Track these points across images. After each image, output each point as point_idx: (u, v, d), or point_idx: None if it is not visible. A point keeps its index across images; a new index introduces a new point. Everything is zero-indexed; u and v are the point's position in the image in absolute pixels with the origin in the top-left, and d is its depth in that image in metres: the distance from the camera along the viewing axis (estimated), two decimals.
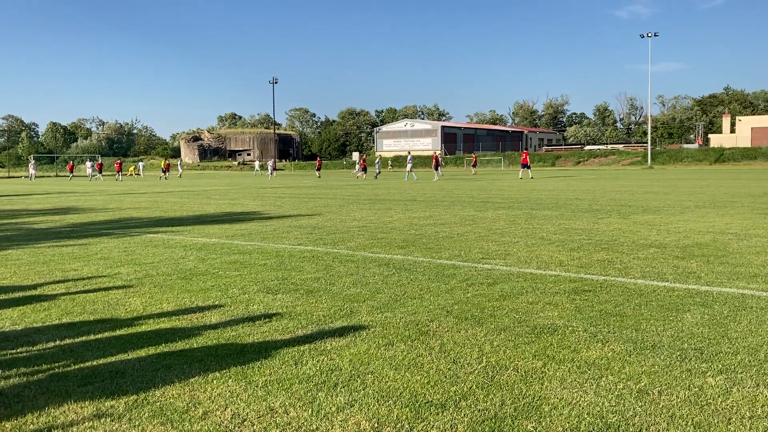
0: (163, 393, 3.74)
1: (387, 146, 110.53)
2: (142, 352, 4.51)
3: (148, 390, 3.78)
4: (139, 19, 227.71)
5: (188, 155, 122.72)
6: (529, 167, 44.34)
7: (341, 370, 4.10)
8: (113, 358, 4.39)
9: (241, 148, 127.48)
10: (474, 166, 59.48)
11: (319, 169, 58.25)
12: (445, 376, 3.96)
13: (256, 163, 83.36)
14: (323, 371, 4.07)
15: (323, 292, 6.42)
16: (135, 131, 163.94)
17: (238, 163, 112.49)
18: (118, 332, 5.05)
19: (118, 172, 55.50)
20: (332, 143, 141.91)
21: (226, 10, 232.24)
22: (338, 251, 9.19)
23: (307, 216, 15.13)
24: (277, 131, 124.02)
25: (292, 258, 8.62)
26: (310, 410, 3.48)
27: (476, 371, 4.05)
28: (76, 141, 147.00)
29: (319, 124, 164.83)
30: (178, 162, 68.95)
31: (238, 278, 7.23)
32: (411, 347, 4.56)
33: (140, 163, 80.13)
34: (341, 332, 4.95)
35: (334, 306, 5.83)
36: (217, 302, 6.04)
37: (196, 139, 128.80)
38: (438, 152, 48.59)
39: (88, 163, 60.79)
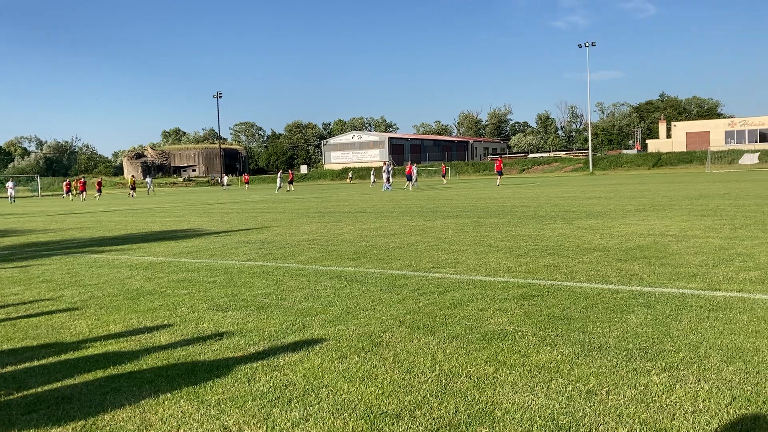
0: (113, 417, 3.65)
1: (335, 159, 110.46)
2: (89, 376, 4.39)
3: (97, 414, 3.69)
4: (77, 35, 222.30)
5: (131, 172, 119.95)
6: (501, 174, 45.45)
7: (295, 385, 4.09)
8: (59, 384, 4.26)
9: (186, 164, 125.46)
10: (444, 175, 59.65)
11: (291, 182, 57.79)
12: (399, 386, 3.99)
13: (225, 178, 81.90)
14: (277, 387, 4.05)
15: (274, 308, 6.37)
16: (76, 149, 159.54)
17: (184, 179, 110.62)
18: (63, 357, 4.91)
19: (81, 191, 52.97)
20: (279, 157, 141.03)
21: (166, 23, 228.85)
22: (289, 265, 9.14)
23: (256, 231, 14.99)
24: (222, 146, 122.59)
25: (242, 274, 8.53)
26: (264, 427, 3.46)
27: (430, 380, 4.09)
28: (13, 161, 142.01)
29: (265, 137, 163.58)
30: (148, 179, 65.88)
31: (187, 297, 7.11)
32: (365, 359, 4.58)
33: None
34: (294, 347, 4.93)
35: (286, 321, 5.79)
36: (166, 322, 5.93)
37: (140, 156, 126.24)
38: (412, 163, 48.44)
39: (10, 184, 58.46)
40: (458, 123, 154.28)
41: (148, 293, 7.41)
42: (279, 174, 56.95)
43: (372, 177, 59.60)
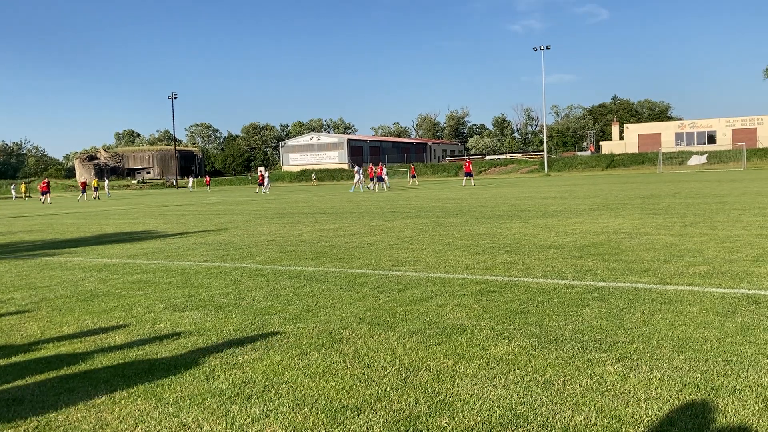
0: (67, 417, 3.57)
1: (293, 160, 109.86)
2: (41, 377, 4.29)
3: (50, 414, 3.60)
4: (25, 35, 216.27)
5: (84, 175, 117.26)
6: (471, 175, 45.98)
7: (254, 381, 4.06)
8: (9, 385, 4.15)
9: (140, 167, 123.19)
10: (413, 176, 59.42)
11: (261, 185, 56.25)
12: (359, 381, 4.00)
13: (190, 180, 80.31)
14: (236, 384, 4.02)
15: (233, 307, 6.32)
16: (24, 152, 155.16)
17: (138, 182, 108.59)
18: (13, 359, 4.78)
19: (44, 193, 50.35)
20: (236, 159, 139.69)
21: (118, 23, 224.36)
22: (247, 266, 9.06)
23: (213, 232, 14.82)
24: (178, 148, 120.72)
25: (199, 275, 8.43)
26: (224, 423, 3.43)
27: (390, 374, 4.11)
28: None
29: (221, 139, 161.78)
30: (105, 182, 62.90)
31: (143, 297, 7.00)
32: (325, 355, 4.57)
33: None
34: (253, 345, 4.90)
35: (245, 320, 5.75)
36: (121, 322, 5.82)
37: (92, 158, 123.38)
38: (383, 165, 48.21)
39: None
40: (417, 125, 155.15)
41: (102, 294, 7.26)
42: (266, 174, 55.36)
43: (358, 177, 53.34)
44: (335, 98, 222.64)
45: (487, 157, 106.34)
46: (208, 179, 71.34)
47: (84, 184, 56.30)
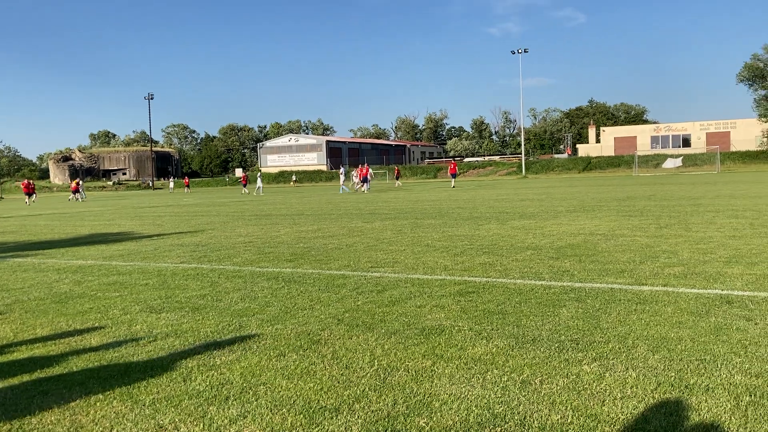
0: (41, 420, 3.53)
1: (272, 162, 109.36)
2: (14, 380, 4.22)
3: (24, 417, 3.55)
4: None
5: (58, 176, 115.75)
6: (455, 176, 46.63)
7: (232, 383, 4.04)
8: None
9: (116, 168, 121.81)
10: (397, 178, 59.19)
11: (245, 185, 55.56)
12: (338, 382, 4.00)
13: (171, 182, 78.69)
14: (213, 386, 3.99)
15: (210, 309, 6.27)
16: None
17: (114, 183, 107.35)
18: None
19: (29, 194, 48.71)
20: (213, 160, 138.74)
21: (94, 23, 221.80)
22: (224, 267, 9.01)
23: (190, 234, 14.70)
24: (154, 149, 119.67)
25: (176, 276, 8.36)
26: (201, 424, 3.40)
27: (368, 374, 4.11)
28: None
29: (199, 140, 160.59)
30: (79, 183, 60.32)
31: (119, 299, 6.92)
32: (303, 356, 4.56)
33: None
34: (231, 347, 4.87)
35: (222, 322, 5.72)
36: (96, 324, 5.76)
37: (67, 158, 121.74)
38: (367, 166, 48.15)
39: None
40: (396, 127, 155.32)
41: (77, 296, 7.17)
42: (258, 175, 54.41)
43: (343, 178, 51.91)
44: (314, 99, 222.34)
45: (466, 159, 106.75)
46: (186, 180, 70.37)
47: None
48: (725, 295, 6.02)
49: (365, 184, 44.81)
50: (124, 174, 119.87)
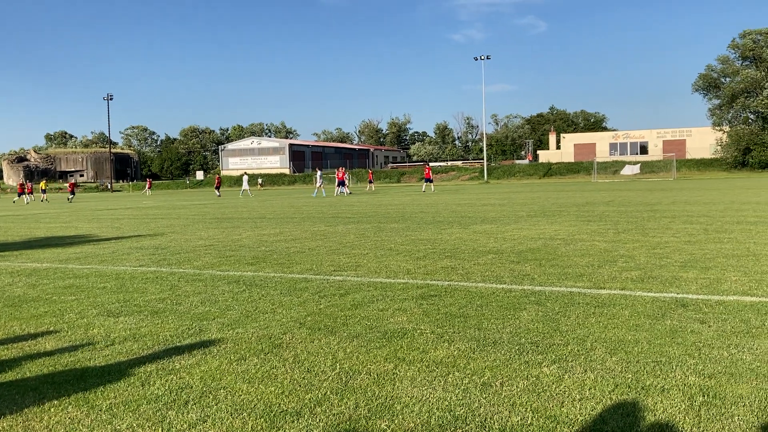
0: None
1: (233, 164, 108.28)
2: None
3: None
4: None
5: (12, 177, 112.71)
6: (431, 181, 46.94)
7: (192, 387, 3.98)
8: None
9: (73, 169, 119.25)
10: (371, 182, 58.81)
11: (218, 188, 54.00)
12: (299, 385, 3.97)
13: (147, 184, 75.29)
14: (173, 390, 3.93)
15: (169, 312, 6.18)
16: None
17: (71, 184, 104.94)
18: None
19: (20, 194, 46.63)
20: (174, 162, 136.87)
21: (51, 20, 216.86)
22: (184, 271, 8.88)
23: (149, 236, 14.47)
24: (113, 150, 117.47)
25: (134, 280, 8.21)
26: (160, 429, 3.35)
27: (330, 378, 4.10)
28: None
29: (159, 142, 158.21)
30: (23, 185, 57.21)
31: (75, 303, 6.77)
32: (264, 360, 4.52)
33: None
34: (190, 351, 4.80)
35: (182, 325, 5.63)
36: (52, 328, 5.62)
37: (21, 159, 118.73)
38: (344, 169, 47.86)
39: None
40: (359, 131, 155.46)
41: (31, 300, 6.99)
42: (244, 177, 52.69)
43: (320, 182, 50.28)
44: (277, 102, 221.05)
45: (432, 164, 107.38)
46: (149, 182, 68.65)
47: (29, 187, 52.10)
48: (680, 299, 6.17)
49: (342, 187, 44.60)
50: (82, 176, 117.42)
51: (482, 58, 75.70)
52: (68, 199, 47.82)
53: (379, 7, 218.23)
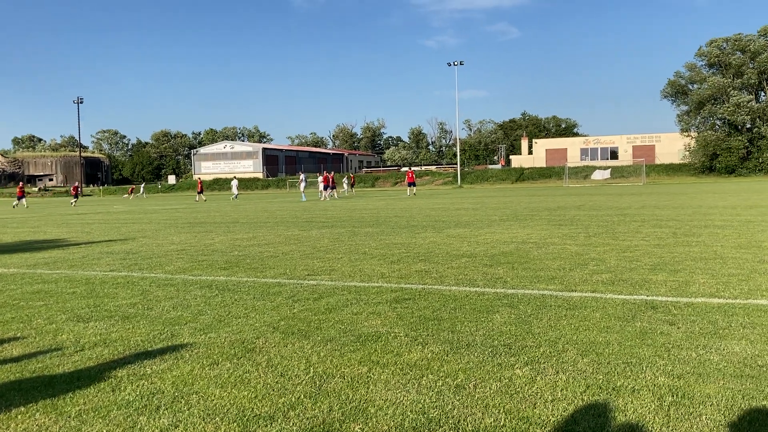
0: None
1: (206, 169, 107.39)
2: None
3: None
4: None
5: None
6: (414, 185, 47.20)
7: (163, 392, 3.94)
8: None
9: (42, 173, 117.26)
10: (352, 186, 58.41)
11: (201, 192, 52.88)
12: (273, 390, 3.95)
13: (142, 187, 72.02)
14: (144, 395, 3.88)
15: (141, 317, 6.10)
16: None
17: (39, 189, 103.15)
18: None
19: (20, 197, 45.36)
20: (146, 166, 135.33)
21: (17, 21, 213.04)
22: (156, 276, 8.78)
23: (120, 241, 14.28)
24: (83, 154, 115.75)
25: (105, 285, 8.10)
26: None
27: (304, 382, 4.08)
28: None
29: (130, 146, 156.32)
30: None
31: (44, 308, 6.65)
32: (237, 365, 4.49)
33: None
34: (162, 356, 4.75)
35: (153, 330, 5.57)
36: (19, 334, 5.51)
37: None
38: (330, 173, 47.68)
39: None
40: (334, 135, 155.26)
41: None
42: (235, 183, 51.66)
43: (303, 185, 49.13)
44: (250, 107, 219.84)
45: (403, 169, 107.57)
46: (131, 189, 65.05)
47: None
48: (650, 301, 6.26)
49: (329, 190, 44.43)
50: (51, 180, 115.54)
51: (456, 63, 76.13)
52: (14, 205, 46.66)
53: (353, 12, 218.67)
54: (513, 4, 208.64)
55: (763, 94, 74.02)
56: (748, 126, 73.02)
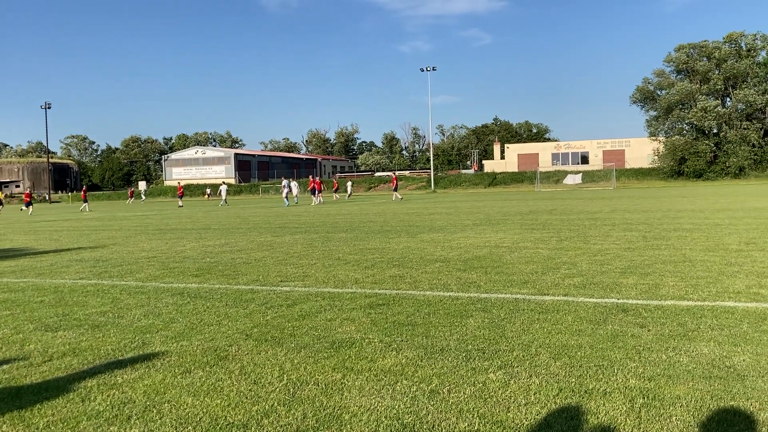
0: None
1: (177, 174, 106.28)
2: None
3: None
4: None
5: None
6: (396, 189, 49.06)
7: (135, 402, 3.88)
8: None
9: (8, 180, 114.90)
10: (336, 191, 58.20)
11: (181, 197, 52.04)
12: (246, 397, 3.92)
13: (142, 187, 69.88)
14: (115, 405, 3.82)
15: (111, 326, 6.01)
16: None
17: (5, 196, 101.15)
18: None
19: (27, 204, 43.98)
20: (116, 173, 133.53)
21: None
22: (126, 283, 8.66)
23: (90, 249, 14.06)
24: (51, 160, 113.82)
25: (74, 293, 7.96)
26: None
27: (278, 389, 4.05)
28: None
29: (99, 152, 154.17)
30: None
31: (10, 318, 6.52)
32: (210, 373, 4.44)
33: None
34: (133, 364, 4.68)
35: (124, 339, 5.49)
36: None
37: None
38: (318, 178, 47.62)
39: None
40: (307, 141, 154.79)
41: None
42: (224, 188, 50.79)
43: (286, 190, 47.50)
44: (222, 112, 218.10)
45: (377, 174, 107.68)
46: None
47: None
48: (621, 304, 6.34)
49: (317, 195, 44.20)
50: (18, 186, 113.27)
51: (428, 69, 76.52)
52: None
53: (326, 17, 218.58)
54: (486, 10, 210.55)
55: (728, 99, 75.58)
56: (715, 131, 74.46)
